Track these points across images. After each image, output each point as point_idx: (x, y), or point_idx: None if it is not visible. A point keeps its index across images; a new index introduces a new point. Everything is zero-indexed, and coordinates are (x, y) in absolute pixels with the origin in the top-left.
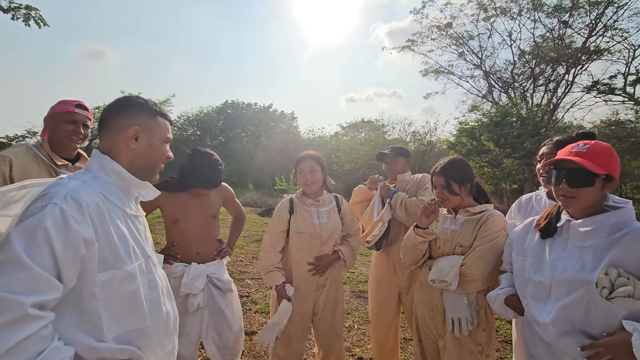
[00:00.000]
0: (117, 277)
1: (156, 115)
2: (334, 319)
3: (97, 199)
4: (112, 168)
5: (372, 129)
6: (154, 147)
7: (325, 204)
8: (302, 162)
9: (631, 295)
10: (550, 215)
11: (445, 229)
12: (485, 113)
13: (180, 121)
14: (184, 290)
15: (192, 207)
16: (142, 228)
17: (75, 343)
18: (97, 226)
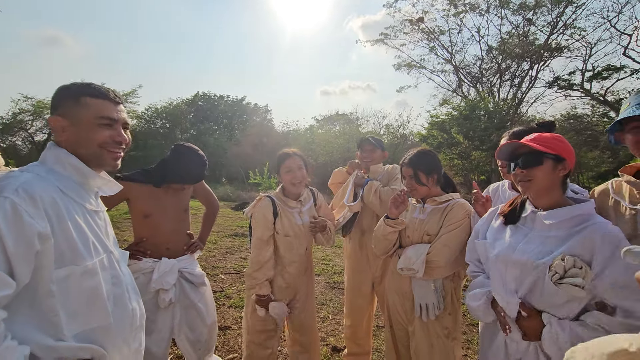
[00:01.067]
0: (76, 273)
1: (80, 97)
2: (306, 312)
3: (53, 193)
4: (69, 162)
5: (347, 122)
6: (81, 133)
7: (306, 202)
8: (288, 159)
9: (579, 285)
10: (514, 204)
11: (414, 218)
12: (455, 107)
13: (148, 113)
14: (155, 286)
15: (166, 202)
16: (103, 223)
17: (30, 342)
18: (53, 221)
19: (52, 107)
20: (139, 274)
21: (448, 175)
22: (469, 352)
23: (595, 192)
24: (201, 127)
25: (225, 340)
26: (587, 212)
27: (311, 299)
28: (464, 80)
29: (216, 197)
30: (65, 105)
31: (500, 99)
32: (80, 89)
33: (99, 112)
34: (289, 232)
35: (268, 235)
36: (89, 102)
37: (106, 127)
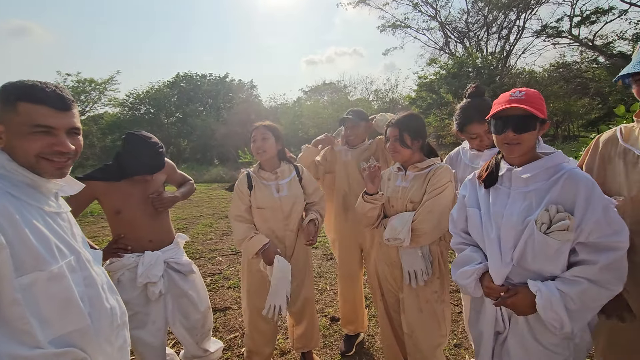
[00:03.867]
0: (41, 278)
1: (14, 102)
2: (303, 286)
3: (3, 200)
4: (11, 167)
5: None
6: (15, 143)
7: (284, 175)
8: (255, 131)
9: (567, 228)
10: (490, 167)
11: (397, 186)
12: (443, 65)
13: (130, 100)
14: (142, 280)
15: (135, 195)
16: (67, 224)
17: (2, 354)
18: (5, 229)
19: None
20: (123, 270)
21: (430, 144)
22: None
23: (600, 140)
24: (187, 110)
25: (226, 320)
26: (558, 162)
27: (309, 276)
28: (450, 37)
29: (191, 179)
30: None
31: (488, 53)
32: (16, 92)
33: (34, 120)
34: (263, 204)
35: (243, 208)
36: (24, 108)
37: (43, 135)
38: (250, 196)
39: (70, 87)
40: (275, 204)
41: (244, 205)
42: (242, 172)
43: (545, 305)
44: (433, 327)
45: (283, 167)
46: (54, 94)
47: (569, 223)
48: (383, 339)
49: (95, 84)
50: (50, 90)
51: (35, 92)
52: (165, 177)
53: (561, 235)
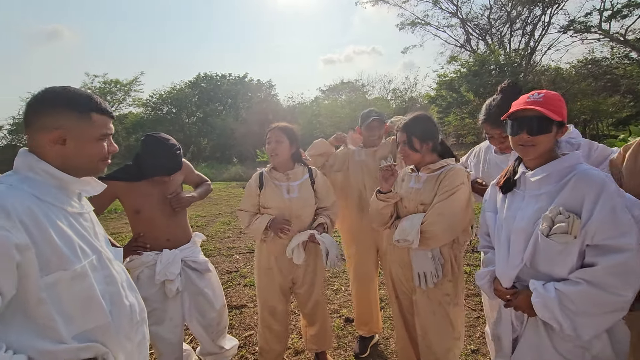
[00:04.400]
0: (65, 277)
1: (88, 112)
2: (314, 287)
3: (28, 201)
4: (40, 168)
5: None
6: (85, 148)
7: (296, 177)
8: (269, 132)
9: (567, 232)
10: (508, 172)
11: (410, 187)
12: (464, 63)
13: (153, 100)
14: (160, 278)
15: (153, 195)
16: (90, 224)
17: (30, 349)
18: (31, 230)
19: (48, 116)
20: (142, 267)
21: (445, 143)
22: (482, 313)
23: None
24: (207, 109)
25: (242, 318)
26: (573, 163)
27: (319, 278)
28: (472, 34)
29: (208, 179)
30: (68, 118)
31: (511, 50)
32: (89, 104)
33: (103, 130)
34: (271, 204)
35: (250, 204)
36: (95, 118)
37: (103, 141)
38: (260, 195)
39: (97, 88)
40: (285, 204)
41: (252, 202)
42: (257, 172)
43: (539, 302)
44: (446, 330)
45: (296, 169)
46: (107, 106)
47: (566, 226)
48: (398, 341)
49: (120, 85)
50: (104, 102)
51: (102, 105)
52: (183, 177)
53: (561, 237)
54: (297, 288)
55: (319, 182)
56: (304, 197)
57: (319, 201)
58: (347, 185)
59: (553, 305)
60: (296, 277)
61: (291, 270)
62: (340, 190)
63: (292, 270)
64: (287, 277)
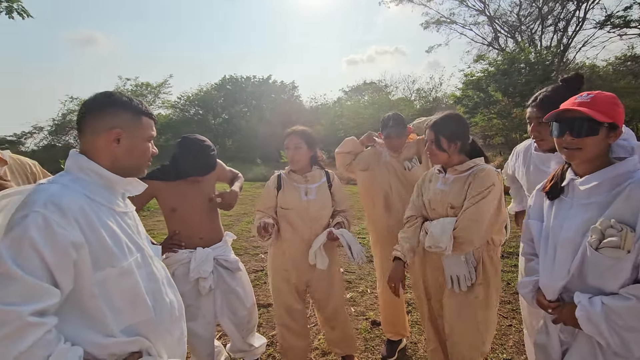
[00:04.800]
0: (113, 274)
1: (141, 115)
2: (331, 293)
3: (81, 201)
4: (90, 168)
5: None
6: (136, 148)
7: (314, 180)
8: (287, 138)
9: (619, 246)
10: (555, 177)
11: (437, 189)
12: (492, 62)
13: (181, 102)
14: (194, 275)
15: (188, 194)
16: (133, 223)
17: (84, 342)
18: (84, 228)
19: (105, 116)
20: (177, 265)
21: (476, 143)
22: (514, 321)
23: None
24: (232, 111)
25: (269, 317)
26: (629, 170)
27: (336, 281)
28: (500, 32)
29: (240, 173)
30: (124, 119)
31: (542, 47)
32: (141, 108)
33: (150, 132)
34: (289, 205)
35: (267, 205)
36: (145, 121)
37: (150, 143)
38: (278, 196)
39: (129, 91)
40: (302, 206)
41: (269, 203)
42: (274, 173)
43: (584, 316)
44: (472, 334)
45: (314, 172)
46: (151, 110)
47: (618, 240)
48: (428, 344)
49: (150, 88)
50: (148, 107)
51: (149, 109)
52: (216, 176)
53: (612, 252)
54: (312, 292)
55: (335, 185)
56: (321, 199)
57: (336, 204)
58: (374, 185)
59: (599, 319)
60: (311, 280)
61: (306, 273)
62: (366, 191)
63: (308, 273)
64: (302, 279)
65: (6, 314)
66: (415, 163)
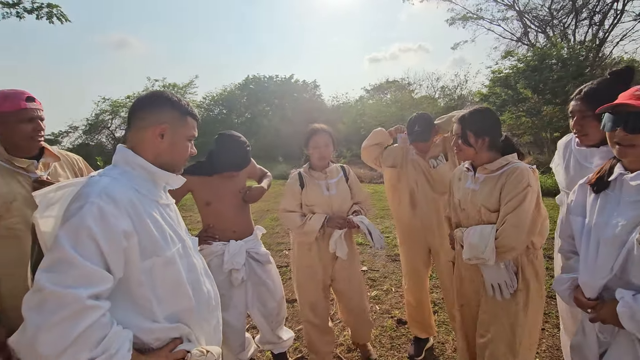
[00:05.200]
0: (158, 263)
1: (186, 115)
2: (351, 282)
3: (130, 193)
4: (136, 162)
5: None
6: (178, 146)
7: (333, 175)
8: (315, 135)
9: None
10: (602, 170)
11: (466, 188)
12: (521, 58)
13: (206, 102)
14: (227, 267)
15: (222, 189)
16: (174, 215)
17: (133, 326)
18: (133, 219)
19: (155, 112)
20: (212, 256)
21: (510, 140)
22: (547, 325)
23: None
24: (255, 110)
25: (294, 312)
26: None
27: (355, 275)
28: (530, 27)
29: (269, 172)
30: (171, 116)
31: (576, 42)
32: (187, 108)
33: (192, 132)
34: (313, 201)
35: (294, 204)
36: (189, 121)
37: (190, 143)
38: (302, 194)
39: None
40: (325, 201)
41: (295, 202)
42: (293, 172)
43: (626, 312)
44: (509, 338)
45: (332, 168)
46: (196, 112)
47: None
48: (458, 352)
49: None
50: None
51: (194, 111)
52: (248, 173)
53: None
54: (335, 284)
55: (352, 178)
56: (341, 193)
57: (354, 196)
58: (400, 182)
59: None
60: (334, 272)
61: (330, 266)
62: (393, 188)
63: (331, 266)
64: (328, 273)
65: (66, 297)
66: (441, 161)
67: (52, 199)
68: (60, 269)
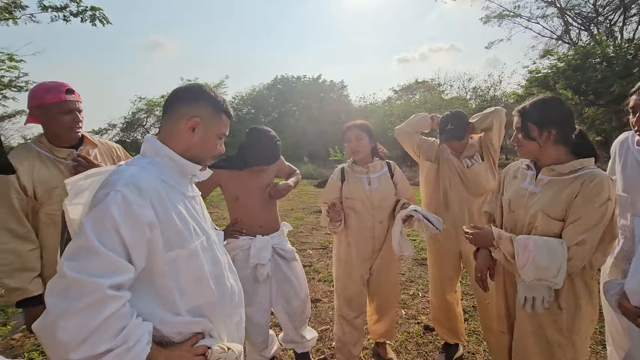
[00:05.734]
0: (182, 255)
1: (221, 112)
2: (387, 281)
3: (156, 183)
4: (164, 153)
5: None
6: (208, 141)
7: (375, 169)
8: (348, 131)
9: None
10: None
11: (523, 189)
12: (561, 57)
13: (235, 101)
14: (253, 261)
15: (251, 183)
16: (200, 208)
17: (154, 318)
18: (157, 209)
19: (190, 105)
20: (238, 250)
21: (585, 136)
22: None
23: None
24: (282, 110)
25: (317, 312)
26: None
27: (392, 270)
28: (572, 24)
29: (297, 170)
30: (205, 111)
31: (623, 40)
32: (222, 105)
33: (223, 130)
34: (353, 195)
35: (333, 197)
36: (223, 118)
37: (220, 140)
38: (342, 188)
39: None
40: (366, 195)
41: (334, 195)
42: (337, 167)
43: None
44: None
45: (375, 163)
46: (231, 110)
47: None
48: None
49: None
50: (229, 107)
51: (230, 110)
52: (276, 169)
53: None
54: (371, 279)
55: (397, 175)
56: (383, 188)
57: (399, 193)
58: (435, 180)
59: None
60: (373, 267)
61: (369, 261)
62: (427, 184)
63: (370, 261)
64: (366, 267)
65: (89, 285)
66: (476, 160)
67: (81, 187)
68: (83, 257)
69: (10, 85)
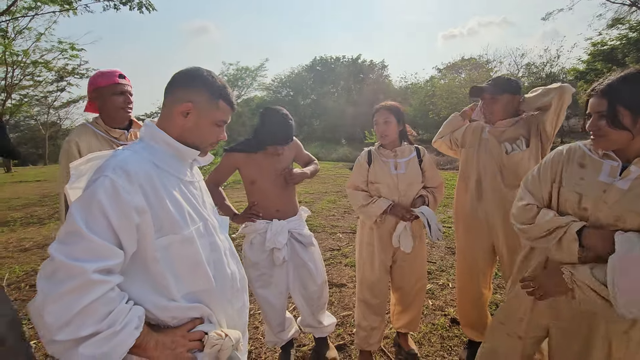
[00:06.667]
0: (175, 241)
1: (218, 98)
2: (412, 271)
3: (147, 167)
4: (160, 137)
5: (475, 67)
6: (202, 128)
7: (404, 154)
8: (376, 113)
9: None
10: None
11: (600, 182)
12: (634, 26)
13: (274, 84)
14: (269, 245)
15: (267, 166)
16: (199, 193)
17: (147, 303)
18: (148, 194)
19: (185, 89)
20: (255, 234)
21: None
22: None
23: None
24: (320, 91)
25: (341, 297)
26: None
27: (418, 262)
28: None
29: (316, 160)
30: (200, 95)
31: None
32: (221, 91)
33: (221, 117)
34: (379, 179)
35: (360, 180)
36: (221, 104)
37: (219, 127)
38: (369, 171)
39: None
40: (392, 180)
41: (362, 178)
42: (364, 150)
43: None
44: None
45: (403, 147)
46: (234, 99)
47: None
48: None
49: (249, 71)
50: (232, 95)
51: (230, 96)
52: (293, 154)
53: None
54: (395, 267)
55: (426, 161)
56: (410, 173)
57: (426, 180)
58: (468, 165)
59: None
60: (396, 255)
61: (392, 248)
62: (461, 171)
63: (393, 247)
64: (388, 254)
65: (72, 269)
66: (519, 146)
67: (82, 171)
68: (70, 241)
69: (73, 72)
